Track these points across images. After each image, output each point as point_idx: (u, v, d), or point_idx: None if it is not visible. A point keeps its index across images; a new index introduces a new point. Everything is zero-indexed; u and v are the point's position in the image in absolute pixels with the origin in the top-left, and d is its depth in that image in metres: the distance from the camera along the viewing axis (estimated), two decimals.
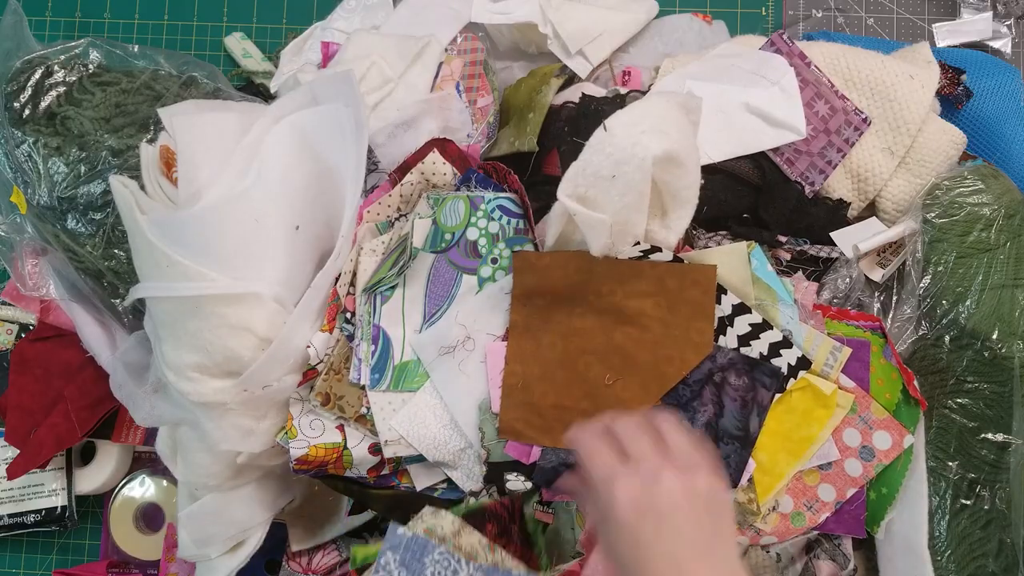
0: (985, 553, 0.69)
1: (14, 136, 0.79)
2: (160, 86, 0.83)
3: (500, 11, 0.89)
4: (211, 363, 0.67)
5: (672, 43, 0.90)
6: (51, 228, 0.79)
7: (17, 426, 0.86)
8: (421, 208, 0.73)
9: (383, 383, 0.70)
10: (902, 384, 0.71)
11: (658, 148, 0.61)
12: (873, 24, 0.95)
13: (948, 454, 0.70)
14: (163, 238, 0.66)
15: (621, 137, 0.61)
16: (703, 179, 0.67)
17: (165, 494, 0.91)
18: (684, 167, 0.64)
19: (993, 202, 0.74)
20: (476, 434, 0.69)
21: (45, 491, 0.90)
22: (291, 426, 0.70)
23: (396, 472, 0.71)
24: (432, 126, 0.80)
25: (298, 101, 0.74)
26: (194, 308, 0.66)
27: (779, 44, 0.81)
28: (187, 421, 0.72)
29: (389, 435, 0.70)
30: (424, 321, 0.72)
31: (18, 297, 0.90)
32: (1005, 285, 0.73)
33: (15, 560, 0.95)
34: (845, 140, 0.79)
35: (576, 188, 0.63)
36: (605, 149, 0.61)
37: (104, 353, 0.83)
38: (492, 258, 0.72)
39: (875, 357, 0.71)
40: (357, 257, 0.73)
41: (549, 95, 0.82)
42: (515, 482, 0.69)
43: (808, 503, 0.70)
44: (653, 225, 0.67)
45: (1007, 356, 0.71)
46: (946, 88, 0.83)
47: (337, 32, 0.95)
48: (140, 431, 0.90)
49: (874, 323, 0.72)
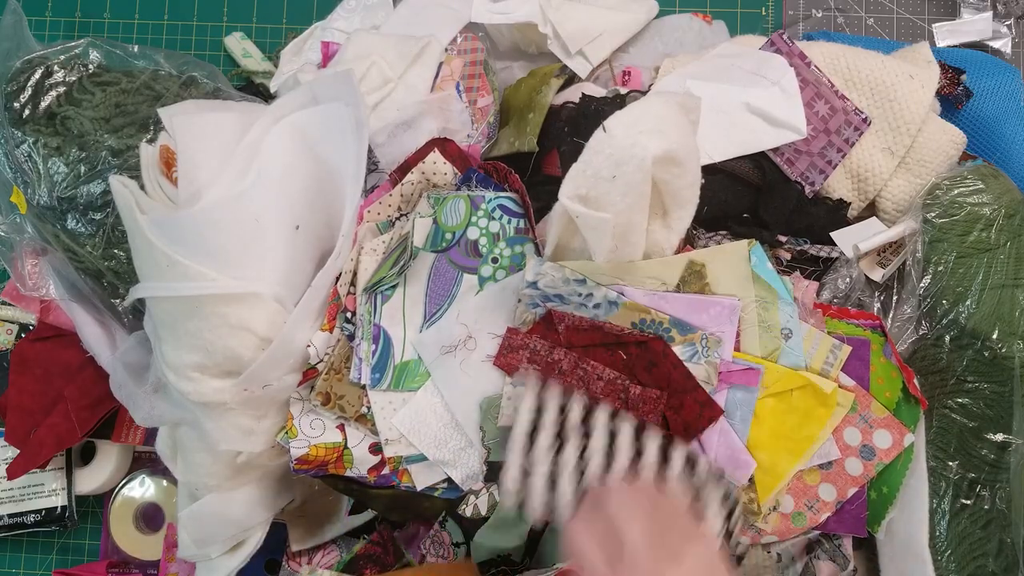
0: (985, 553, 0.70)
1: (14, 136, 0.79)
2: (160, 86, 0.83)
3: (500, 11, 0.89)
4: (211, 363, 0.67)
5: (672, 43, 0.90)
6: (51, 228, 0.79)
7: (17, 426, 0.86)
8: (422, 207, 0.73)
9: (384, 382, 0.70)
10: (902, 382, 0.71)
11: (657, 148, 0.61)
12: (873, 24, 0.95)
13: (948, 454, 0.70)
14: (163, 238, 0.66)
15: (620, 138, 0.61)
16: (703, 179, 0.67)
17: (165, 494, 0.91)
18: (684, 167, 0.64)
19: (993, 202, 0.74)
20: (477, 433, 0.69)
21: (45, 491, 0.90)
22: (291, 426, 0.70)
23: (396, 472, 0.71)
24: (432, 126, 0.80)
25: (298, 101, 0.74)
26: (194, 308, 0.66)
27: (779, 44, 0.81)
28: (187, 421, 0.72)
29: (390, 434, 0.70)
30: (425, 321, 0.72)
31: (18, 297, 0.90)
32: (1005, 285, 0.73)
33: (15, 560, 0.95)
34: (845, 140, 0.79)
35: (577, 189, 0.63)
36: (605, 150, 0.61)
37: (104, 353, 0.83)
38: (493, 257, 0.72)
39: (875, 355, 0.71)
40: (358, 257, 0.73)
41: (549, 95, 0.82)
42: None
43: (809, 503, 0.70)
44: (654, 226, 0.67)
45: (1007, 356, 0.71)
46: (946, 88, 0.83)
47: (337, 32, 0.95)
48: (140, 431, 0.90)
49: (873, 321, 0.72)
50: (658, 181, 0.64)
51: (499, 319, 0.71)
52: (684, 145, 0.63)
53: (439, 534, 0.70)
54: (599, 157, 0.62)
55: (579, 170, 0.62)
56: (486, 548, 0.69)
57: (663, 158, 0.61)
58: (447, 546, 0.70)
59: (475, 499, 0.69)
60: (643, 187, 0.62)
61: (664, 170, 0.63)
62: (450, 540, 0.70)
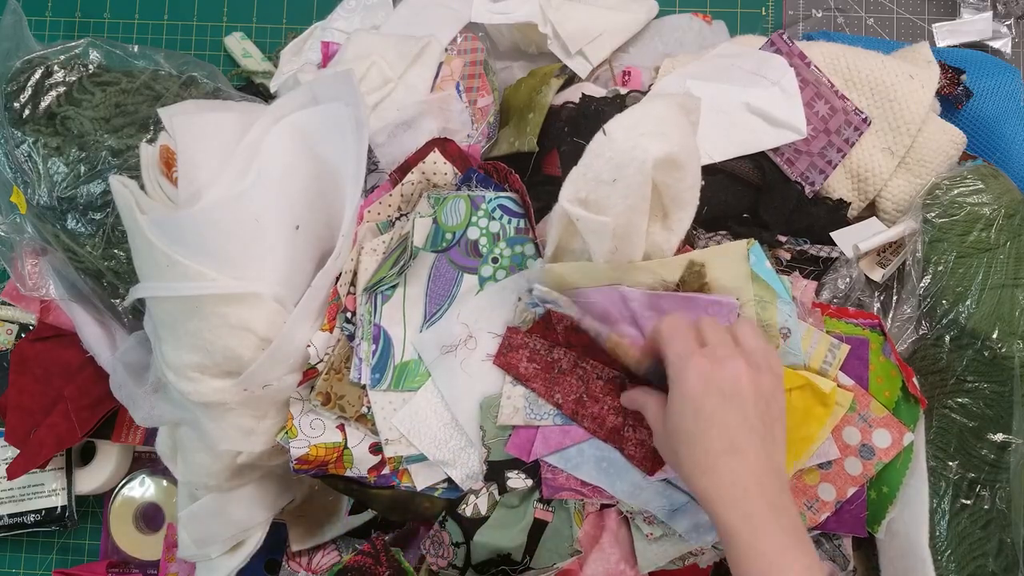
0: (985, 553, 0.70)
1: (14, 136, 0.79)
2: (160, 86, 0.83)
3: (500, 11, 0.89)
4: (211, 363, 0.67)
5: (672, 43, 0.90)
6: (51, 228, 0.79)
7: (17, 426, 0.86)
8: (422, 207, 0.73)
9: (384, 382, 0.70)
10: (901, 382, 0.71)
11: (658, 151, 0.61)
12: (873, 24, 0.95)
13: (948, 454, 0.71)
14: (163, 238, 0.66)
15: (621, 141, 0.61)
16: (703, 179, 0.67)
17: (165, 494, 0.91)
18: (684, 169, 0.64)
19: (993, 202, 0.74)
20: (477, 432, 0.69)
21: (45, 491, 0.90)
22: (291, 426, 0.70)
23: (396, 472, 0.71)
24: (432, 126, 0.80)
25: (298, 101, 0.74)
26: (194, 308, 0.66)
27: (779, 44, 0.82)
28: (187, 421, 0.72)
29: (390, 434, 0.70)
30: (425, 320, 0.72)
31: (18, 297, 0.90)
32: (1005, 285, 0.73)
33: (15, 560, 0.95)
34: (845, 140, 0.79)
35: (577, 193, 0.63)
36: (605, 153, 0.61)
37: (104, 353, 0.83)
38: (493, 257, 0.72)
39: (874, 355, 0.71)
40: (358, 257, 0.73)
41: (549, 95, 0.82)
42: (516, 480, 0.69)
43: (808, 503, 0.70)
44: (654, 228, 0.67)
45: (1007, 356, 0.71)
46: (946, 88, 0.83)
47: (337, 32, 0.95)
48: (140, 431, 0.90)
49: (873, 321, 0.72)
50: (659, 184, 0.64)
51: (499, 319, 0.71)
52: (685, 147, 0.63)
53: (439, 534, 0.70)
54: (599, 160, 0.62)
55: (579, 173, 0.62)
56: (487, 548, 0.69)
57: (664, 161, 0.61)
58: (447, 546, 0.70)
59: (475, 499, 0.70)
60: (643, 190, 0.62)
61: (665, 173, 0.63)
62: (450, 540, 0.70)
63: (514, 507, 0.70)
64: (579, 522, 0.70)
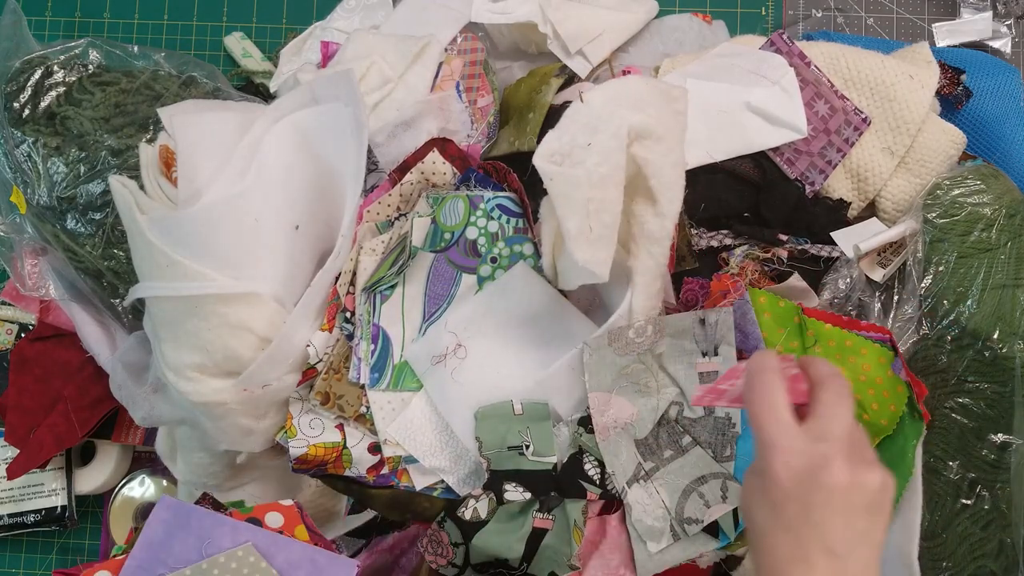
0: (985, 553, 0.69)
1: (14, 136, 0.79)
2: (160, 86, 0.83)
3: (500, 11, 0.89)
4: (211, 363, 0.67)
5: (672, 43, 0.90)
6: (51, 228, 0.79)
7: (17, 426, 0.86)
8: (420, 207, 0.73)
9: (383, 382, 0.70)
10: (907, 396, 0.69)
11: (634, 120, 0.60)
12: (873, 24, 0.95)
13: (948, 454, 0.70)
14: (163, 238, 0.66)
15: (598, 107, 0.61)
16: (703, 178, 0.67)
17: (165, 494, 0.90)
18: (665, 142, 0.63)
19: (994, 202, 0.74)
20: (473, 443, 0.69)
21: (45, 491, 0.90)
22: (291, 425, 0.70)
23: (395, 471, 0.71)
24: (432, 126, 0.80)
25: (298, 101, 0.74)
26: (193, 308, 0.66)
27: (779, 44, 0.81)
28: (187, 421, 0.72)
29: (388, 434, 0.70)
30: (424, 320, 0.72)
31: (18, 297, 0.90)
32: (1006, 285, 0.72)
33: (15, 560, 0.95)
34: (845, 140, 0.79)
35: (552, 155, 0.62)
36: (581, 118, 0.61)
37: (104, 353, 0.83)
38: (491, 257, 0.72)
39: (883, 369, 0.69)
40: (357, 256, 0.73)
41: (549, 95, 0.82)
42: (513, 492, 0.68)
43: None
44: (647, 215, 0.66)
45: (1008, 356, 0.71)
46: (946, 88, 0.82)
47: (337, 32, 0.95)
48: (140, 431, 0.90)
49: (884, 335, 0.70)
50: (639, 160, 0.63)
51: (491, 324, 0.70)
52: (663, 123, 0.62)
53: (437, 533, 0.70)
54: (575, 124, 0.61)
55: (555, 136, 0.62)
56: (484, 552, 0.68)
57: (640, 131, 0.61)
58: (446, 545, 0.70)
59: (475, 502, 0.69)
60: (618, 157, 0.61)
61: (644, 147, 0.62)
62: (448, 540, 0.69)
63: (514, 514, 0.69)
64: (578, 539, 0.68)
